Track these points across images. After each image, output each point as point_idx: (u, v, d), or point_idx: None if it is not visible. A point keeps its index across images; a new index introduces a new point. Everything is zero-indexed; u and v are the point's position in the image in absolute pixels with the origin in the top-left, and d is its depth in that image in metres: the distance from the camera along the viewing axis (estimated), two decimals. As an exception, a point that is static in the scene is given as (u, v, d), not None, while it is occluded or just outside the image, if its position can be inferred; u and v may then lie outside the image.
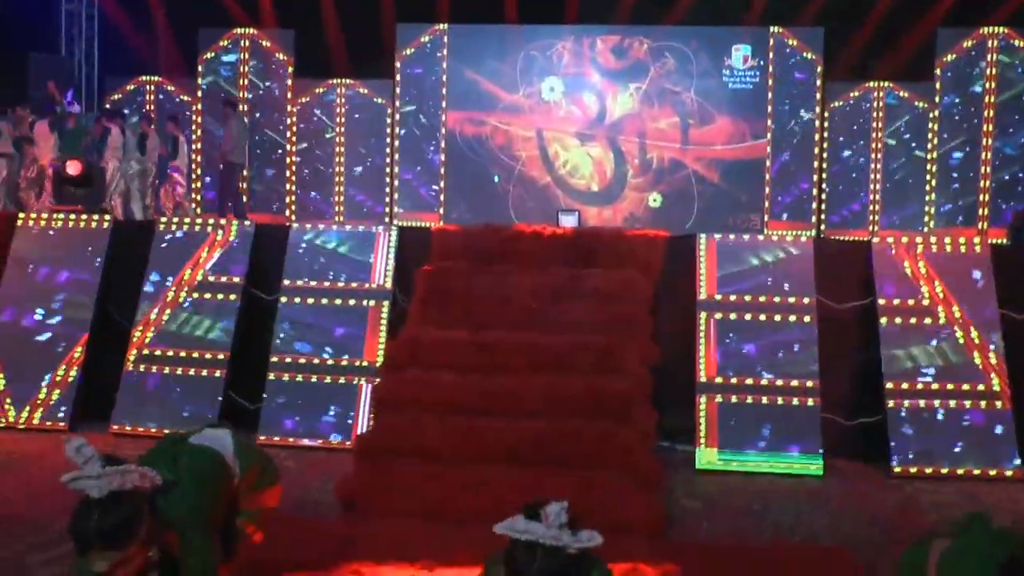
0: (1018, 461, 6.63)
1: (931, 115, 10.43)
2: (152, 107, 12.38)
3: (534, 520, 2.67)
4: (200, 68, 12.33)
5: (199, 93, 12.17)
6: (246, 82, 11.96)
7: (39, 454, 6.80)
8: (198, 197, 11.96)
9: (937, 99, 10.25)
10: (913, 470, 6.63)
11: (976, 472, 6.60)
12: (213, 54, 12.36)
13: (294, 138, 12.00)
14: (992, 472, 6.62)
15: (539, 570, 2.60)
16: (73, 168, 8.73)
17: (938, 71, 10.53)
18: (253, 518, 3.49)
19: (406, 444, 5.52)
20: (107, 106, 12.32)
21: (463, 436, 5.47)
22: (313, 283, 7.48)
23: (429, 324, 6.35)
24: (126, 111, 11.83)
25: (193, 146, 11.88)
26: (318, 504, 5.67)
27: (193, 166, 11.75)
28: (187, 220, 8.11)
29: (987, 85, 10.15)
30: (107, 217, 8.30)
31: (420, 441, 5.49)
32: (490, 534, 3.83)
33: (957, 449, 6.67)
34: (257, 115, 11.80)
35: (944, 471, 6.61)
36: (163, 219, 8.14)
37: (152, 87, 12.56)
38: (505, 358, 5.95)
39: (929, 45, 10.64)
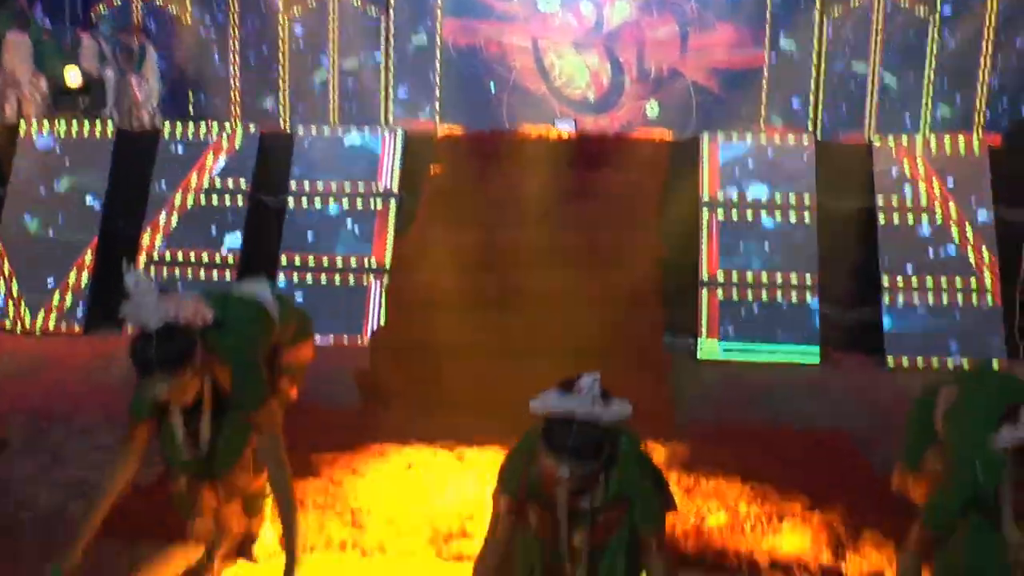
0: (1003, 353, 6.86)
1: (931, 18, 10.39)
2: (139, 17, 12.20)
3: (568, 394, 2.76)
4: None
5: (188, 3, 11.98)
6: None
7: (59, 357, 6.97)
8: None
9: (937, 3, 10.20)
10: (906, 362, 6.87)
11: (966, 364, 6.83)
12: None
13: (285, 48, 11.88)
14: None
15: (575, 445, 2.68)
16: (74, 78, 8.71)
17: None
18: (291, 372, 3.65)
19: (422, 338, 5.70)
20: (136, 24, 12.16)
21: (478, 331, 5.64)
22: (320, 186, 7.57)
23: (438, 224, 6.47)
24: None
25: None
26: (335, 396, 5.85)
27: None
28: (192, 127, 8.13)
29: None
30: (110, 124, 8.33)
31: (436, 335, 5.65)
32: (506, 422, 4.08)
33: (949, 342, 6.89)
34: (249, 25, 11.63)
35: (935, 363, 6.84)
36: (167, 126, 8.19)
37: (139, 2, 12.38)
38: (516, 256, 6.10)
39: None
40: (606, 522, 2.86)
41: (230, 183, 7.73)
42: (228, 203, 7.70)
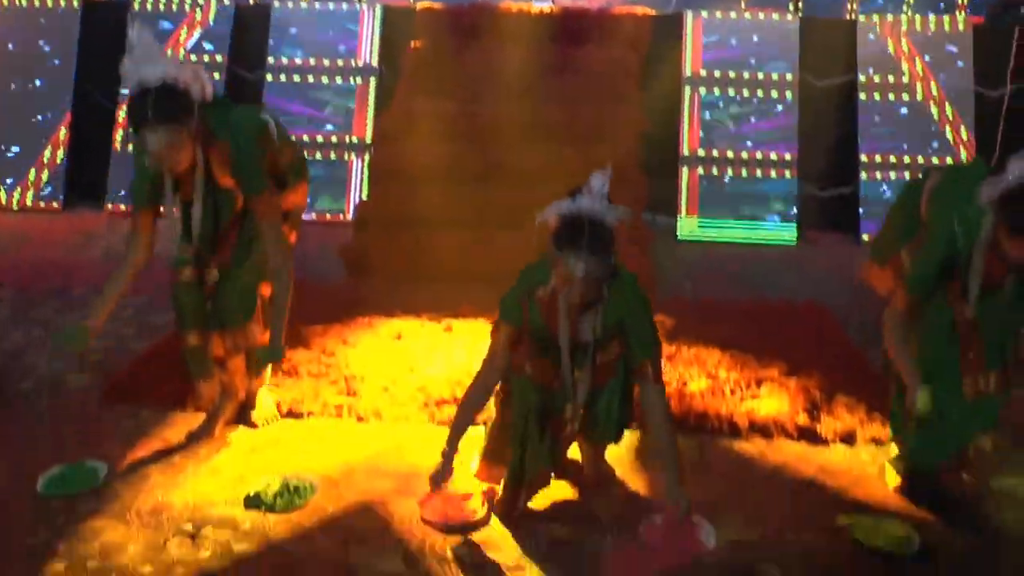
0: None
1: None
2: None
3: (578, 196, 2.88)
4: None
5: None
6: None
7: (39, 233, 6.96)
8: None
9: None
10: (881, 239, 7.00)
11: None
12: None
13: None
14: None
15: (589, 239, 2.77)
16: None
17: None
18: (288, 217, 3.69)
19: (406, 211, 5.73)
20: None
21: (460, 204, 5.67)
22: (298, 60, 7.46)
23: (420, 98, 6.42)
24: None
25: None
26: (321, 271, 5.91)
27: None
28: (164, -2, 7.95)
29: None
30: (79, -5, 8.11)
31: (419, 208, 5.69)
32: (492, 289, 4.18)
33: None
34: None
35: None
36: (138, -2, 7.99)
37: None
38: (497, 130, 6.08)
39: None
40: (604, 363, 3.01)
41: (205, 58, 7.59)
42: (207, 62, 7.57)
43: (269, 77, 7.50)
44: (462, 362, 4.32)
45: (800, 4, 9.27)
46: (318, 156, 7.32)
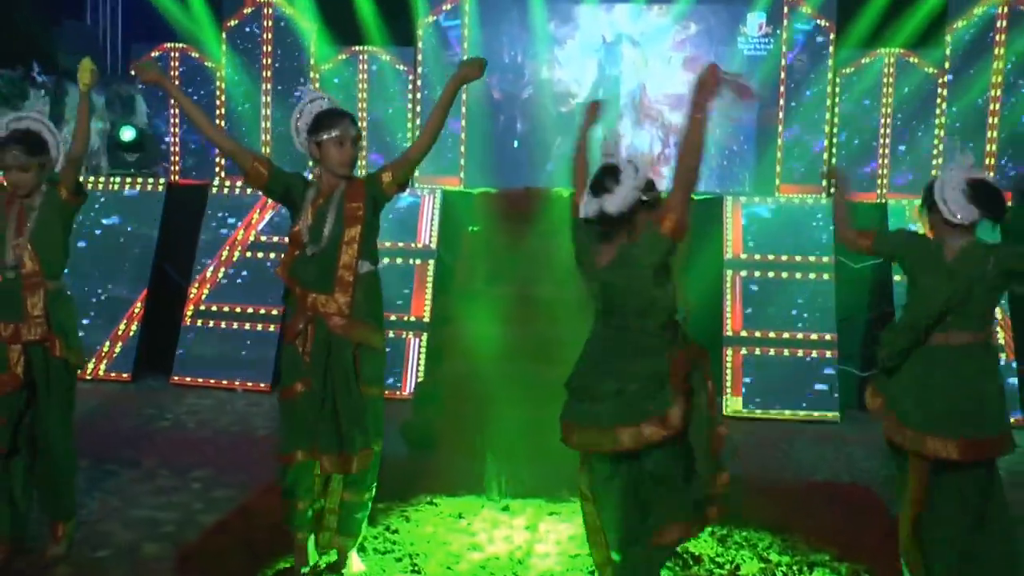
0: (1018, 411, 7.14)
1: (940, 80, 10.76)
2: (176, 74, 12.67)
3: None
4: (224, 36, 12.60)
5: (223, 60, 12.41)
6: (269, 49, 12.25)
7: (111, 404, 7.31)
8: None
9: (947, 65, 10.55)
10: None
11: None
12: (236, 21, 12.64)
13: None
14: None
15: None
16: (128, 133, 9.13)
17: (948, 37, 10.85)
18: None
19: (464, 391, 6.00)
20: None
21: (517, 382, 5.94)
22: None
23: (478, 280, 6.80)
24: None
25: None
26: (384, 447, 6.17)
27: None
28: (240, 183, 8.56)
29: (996, 51, 10.46)
30: (161, 180, 8.75)
31: (477, 387, 5.96)
32: (551, 470, 4.44)
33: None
34: (279, 86, 12.03)
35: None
36: (215, 181, 8.61)
37: (176, 54, 12.82)
38: (551, 311, 6.41)
39: (942, 12, 10.94)
40: None
41: (275, 239, 8.10)
42: (273, 257, 8.06)
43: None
44: (522, 541, 4.50)
45: (832, 190, 9.77)
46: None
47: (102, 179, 8.75)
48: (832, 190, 3.94)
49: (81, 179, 4.44)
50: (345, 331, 3.92)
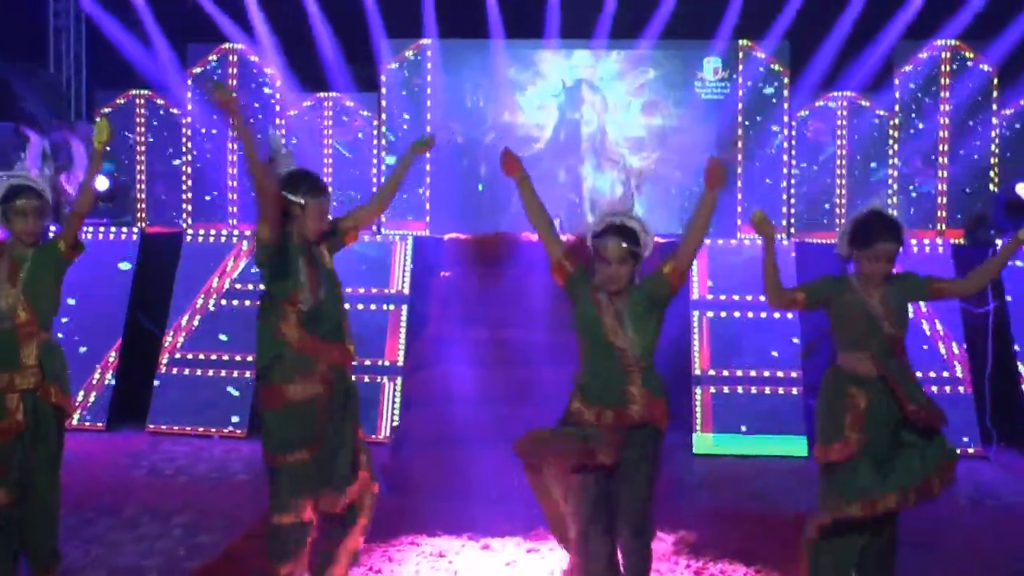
0: (978, 440, 7.41)
1: (891, 123, 11.13)
2: (142, 120, 12.71)
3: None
4: (190, 83, 12.70)
5: (189, 107, 12.48)
6: (234, 95, 12.36)
7: (87, 453, 7.32)
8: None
9: (896, 108, 10.92)
10: (886, 449, 7.37)
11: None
12: (201, 69, 12.76)
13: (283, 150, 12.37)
14: (956, 450, 7.34)
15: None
16: (101, 183, 9.19)
17: (896, 81, 11.25)
18: None
19: (440, 433, 6.15)
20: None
21: (492, 424, 6.09)
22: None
23: (450, 324, 6.97)
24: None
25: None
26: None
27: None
28: (213, 231, 8.69)
29: (942, 95, 10.86)
30: (135, 229, 8.82)
31: (453, 429, 6.10)
32: (527, 510, 4.58)
33: (924, 430, 7.41)
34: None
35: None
36: (189, 229, 8.72)
37: (142, 100, 12.85)
38: (523, 353, 6.59)
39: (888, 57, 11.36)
40: None
41: (250, 286, 8.20)
42: (248, 305, 8.15)
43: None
44: (504, 580, 4.62)
45: (792, 229, 10.06)
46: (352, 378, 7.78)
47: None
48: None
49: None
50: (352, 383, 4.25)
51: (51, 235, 4.68)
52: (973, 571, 4.95)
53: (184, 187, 10.37)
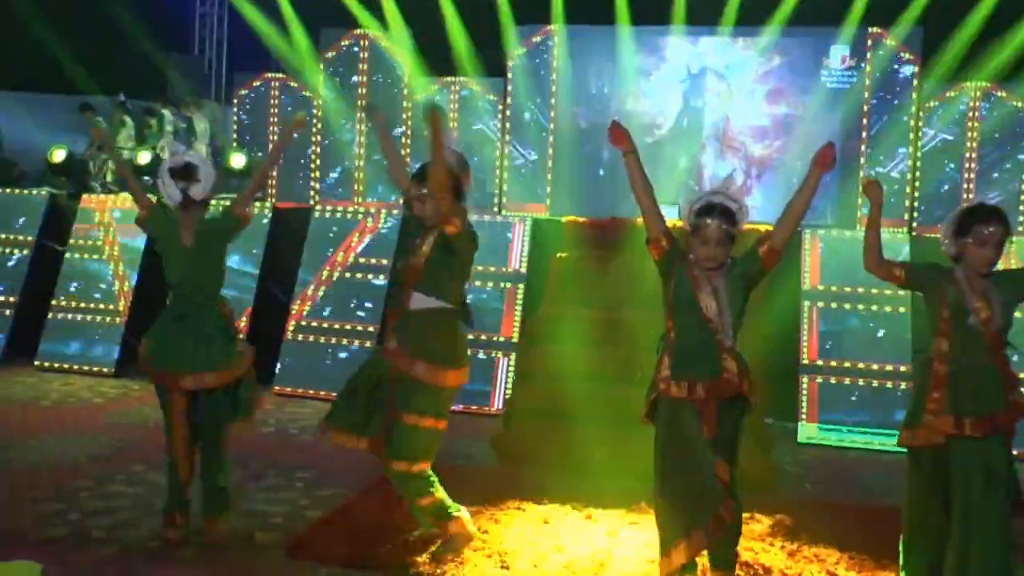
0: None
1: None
2: (276, 102, 13.25)
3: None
4: (321, 66, 13.18)
5: (320, 89, 12.94)
6: (365, 79, 12.80)
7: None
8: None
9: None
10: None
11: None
12: (334, 53, 13.24)
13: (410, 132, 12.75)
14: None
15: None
16: (238, 160, 9.78)
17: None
18: None
19: (551, 407, 6.38)
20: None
21: (602, 401, 6.30)
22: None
23: (564, 304, 7.19)
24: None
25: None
26: (471, 457, 6.61)
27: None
28: (340, 208, 9.16)
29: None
30: (266, 204, 9.35)
31: (563, 405, 6.34)
32: (631, 484, 4.80)
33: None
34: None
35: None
36: (317, 206, 9.22)
37: (277, 83, 13.40)
38: (634, 334, 6.76)
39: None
40: None
41: (372, 260, 8.61)
42: (370, 278, 8.57)
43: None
44: (604, 546, 4.85)
45: (914, 224, 9.89)
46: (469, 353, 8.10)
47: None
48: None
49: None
50: (394, 359, 4.49)
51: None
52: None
53: (313, 166, 10.83)
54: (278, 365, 8.56)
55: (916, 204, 10.06)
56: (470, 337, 8.04)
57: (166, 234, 4.84)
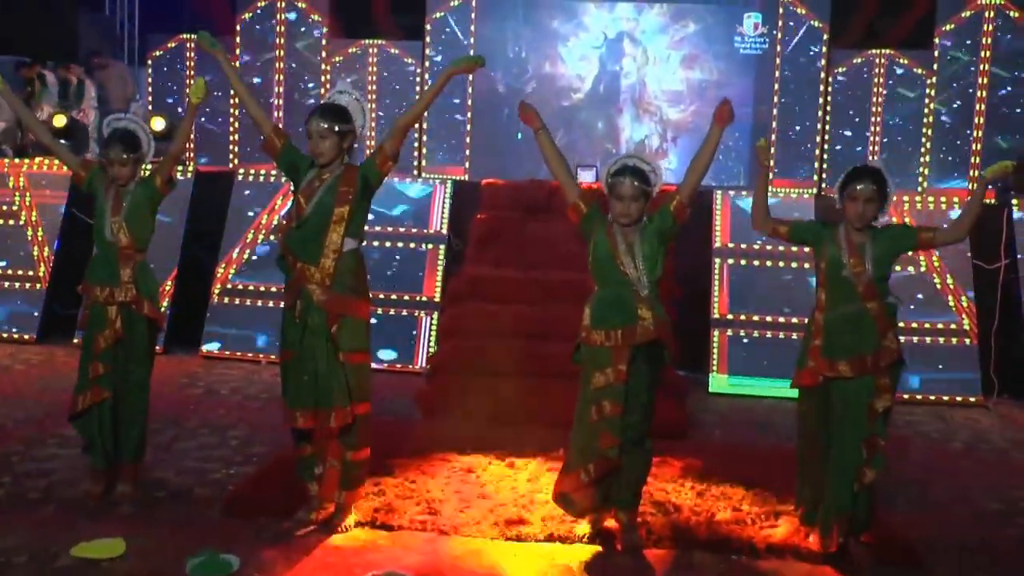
0: (979, 389, 7.79)
1: (928, 81, 11.24)
2: (192, 64, 13.10)
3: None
4: (238, 27, 13.02)
5: (237, 51, 12.80)
6: (282, 41, 12.70)
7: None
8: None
9: (936, 66, 10.99)
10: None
11: (945, 398, 7.77)
12: (251, 14, 13.10)
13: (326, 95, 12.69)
14: (959, 398, 7.78)
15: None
16: (158, 124, 9.72)
17: (937, 40, 11.34)
18: None
19: (472, 363, 6.65)
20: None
21: (522, 356, 6.59)
22: (377, 228, 8.56)
23: (485, 264, 7.45)
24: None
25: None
26: (397, 411, 6.83)
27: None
28: (264, 171, 9.21)
29: (982, 54, 10.91)
30: (189, 167, 9.36)
31: (484, 360, 6.60)
32: (550, 433, 5.10)
33: (930, 376, 7.81)
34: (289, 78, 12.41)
35: (918, 397, 7.76)
36: (240, 169, 9.27)
37: (192, 44, 13.18)
38: (553, 292, 7.05)
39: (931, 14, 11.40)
40: None
41: (297, 223, 8.70)
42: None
43: (350, 241, 8.60)
44: (526, 490, 5.14)
45: (824, 186, 10.32)
46: (391, 312, 8.32)
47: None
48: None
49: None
50: (325, 303, 4.52)
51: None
52: (960, 510, 5.36)
53: (231, 128, 10.79)
54: (203, 328, 8.64)
55: (824, 167, 10.49)
56: (393, 297, 8.33)
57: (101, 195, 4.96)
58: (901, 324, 7.88)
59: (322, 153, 4.52)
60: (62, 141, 9.57)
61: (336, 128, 4.52)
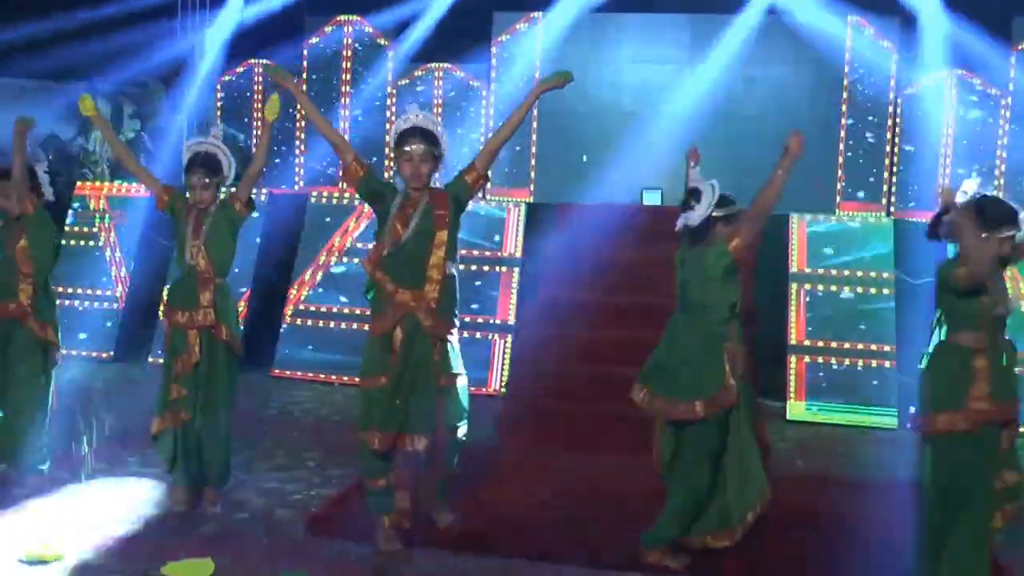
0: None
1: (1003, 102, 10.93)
2: (260, 87, 13.21)
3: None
4: (305, 52, 13.14)
5: (304, 75, 12.94)
6: (349, 65, 12.80)
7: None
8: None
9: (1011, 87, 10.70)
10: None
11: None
12: (318, 39, 13.22)
13: (392, 118, 12.77)
14: None
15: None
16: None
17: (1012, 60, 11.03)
18: None
19: (550, 387, 6.60)
20: None
21: (599, 380, 6.52)
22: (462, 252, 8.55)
23: (561, 287, 7.40)
24: None
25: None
26: (471, 436, 6.74)
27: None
28: (336, 194, 9.29)
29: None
30: (263, 190, 9.47)
31: (562, 384, 6.55)
32: (628, 462, 5.02)
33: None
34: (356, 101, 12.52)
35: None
36: (313, 192, 9.37)
37: (259, 69, 13.10)
38: (630, 316, 6.99)
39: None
40: None
41: (371, 245, 8.72)
42: (367, 263, 8.71)
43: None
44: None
45: (892, 208, 10.07)
46: (466, 335, 8.28)
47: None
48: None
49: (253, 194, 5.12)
50: (431, 328, 4.49)
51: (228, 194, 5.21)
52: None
53: (297, 152, 10.85)
54: (276, 348, 8.70)
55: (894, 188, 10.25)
56: (466, 320, 8.31)
57: (183, 219, 5.01)
58: None
59: (420, 176, 4.51)
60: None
61: (435, 152, 4.52)
